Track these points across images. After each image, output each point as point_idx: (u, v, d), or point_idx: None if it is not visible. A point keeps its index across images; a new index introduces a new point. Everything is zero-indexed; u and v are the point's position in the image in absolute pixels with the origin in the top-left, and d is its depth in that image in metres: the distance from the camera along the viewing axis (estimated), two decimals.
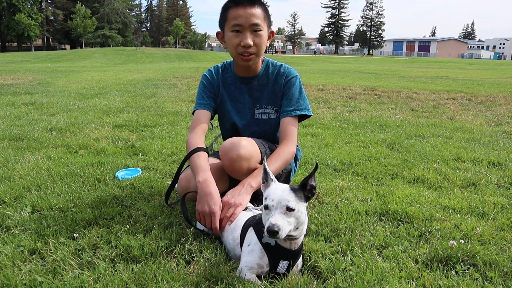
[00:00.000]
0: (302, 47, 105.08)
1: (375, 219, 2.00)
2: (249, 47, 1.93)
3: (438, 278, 1.48)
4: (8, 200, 2.17)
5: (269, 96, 2.12)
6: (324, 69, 18.58)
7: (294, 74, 2.12)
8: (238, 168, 1.88)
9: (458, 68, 23.27)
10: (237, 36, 1.93)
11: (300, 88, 2.10)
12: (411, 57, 76.54)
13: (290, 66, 2.16)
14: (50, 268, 1.51)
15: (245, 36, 1.92)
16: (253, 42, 1.93)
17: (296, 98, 2.07)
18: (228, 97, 2.18)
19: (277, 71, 2.13)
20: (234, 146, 1.87)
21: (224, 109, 2.20)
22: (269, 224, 1.33)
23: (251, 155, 1.89)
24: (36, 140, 3.59)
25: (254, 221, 1.56)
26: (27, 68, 16.00)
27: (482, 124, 4.85)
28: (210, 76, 2.19)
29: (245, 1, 1.89)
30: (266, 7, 1.98)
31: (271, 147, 2.10)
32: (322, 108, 6.06)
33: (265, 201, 1.41)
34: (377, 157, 3.20)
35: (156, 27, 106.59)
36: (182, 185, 2.02)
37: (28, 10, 62.72)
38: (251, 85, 2.14)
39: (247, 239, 1.52)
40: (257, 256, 1.45)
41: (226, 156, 1.89)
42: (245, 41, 1.92)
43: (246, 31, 1.92)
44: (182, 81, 10.19)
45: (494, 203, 2.25)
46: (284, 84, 2.09)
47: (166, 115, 5.10)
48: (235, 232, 1.62)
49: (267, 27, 1.98)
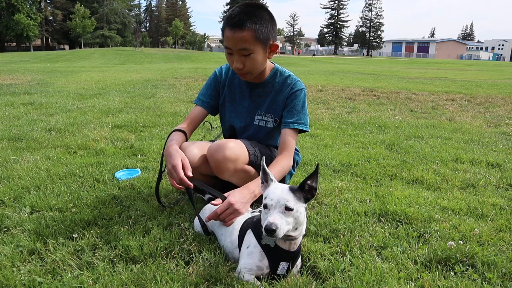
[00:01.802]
0: (301, 48, 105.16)
1: (374, 220, 2.00)
2: (240, 69, 1.94)
3: (436, 279, 1.48)
4: (7, 200, 2.16)
5: (271, 104, 2.12)
6: (323, 70, 18.60)
7: (300, 87, 2.09)
8: (225, 169, 1.93)
9: (457, 69, 23.32)
10: (230, 58, 1.94)
11: (303, 102, 2.09)
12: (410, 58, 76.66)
13: (298, 78, 2.14)
14: (49, 269, 1.51)
15: (235, 59, 1.92)
16: (243, 64, 1.91)
17: (297, 111, 2.06)
18: (230, 98, 2.19)
19: (283, 81, 2.11)
20: (220, 148, 1.92)
21: (225, 109, 2.22)
22: (267, 223, 1.33)
23: (237, 156, 1.94)
24: (35, 140, 3.59)
25: (252, 223, 1.56)
26: (26, 68, 15.98)
27: (481, 125, 4.86)
28: (219, 74, 2.22)
29: (234, 25, 1.83)
30: (263, 22, 1.85)
31: (262, 149, 2.12)
32: (321, 109, 6.07)
33: (264, 200, 1.42)
34: (376, 158, 3.20)
35: (155, 27, 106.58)
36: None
37: (27, 10, 62.65)
38: (255, 91, 2.14)
39: (246, 241, 1.51)
40: (256, 258, 1.45)
41: (212, 157, 1.94)
42: (235, 65, 1.93)
43: (236, 55, 1.90)
44: (181, 82, 10.19)
45: (493, 204, 2.25)
46: (288, 96, 2.08)
47: (165, 116, 5.10)
48: (233, 235, 1.62)
49: (261, 47, 1.90)
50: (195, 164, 1.99)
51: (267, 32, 1.87)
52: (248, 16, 1.82)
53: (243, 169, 1.99)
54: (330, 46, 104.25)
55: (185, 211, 2.05)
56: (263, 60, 1.96)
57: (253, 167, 2.04)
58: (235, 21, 1.82)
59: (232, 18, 1.83)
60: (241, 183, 1.92)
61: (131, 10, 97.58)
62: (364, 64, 30.09)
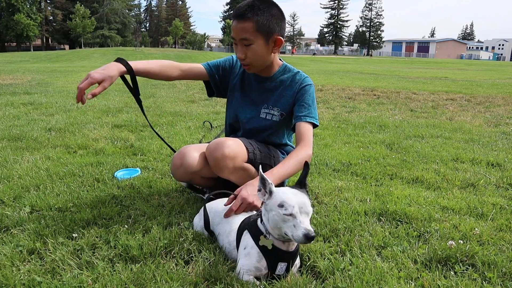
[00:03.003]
0: (301, 48, 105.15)
1: (374, 220, 2.00)
2: (242, 60, 1.99)
3: (436, 278, 1.48)
4: (7, 200, 2.16)
5: (278, 98, 2.14)
6: (323, 69, 18.60)
7: (309, 83, 2.13)
8: (224, 167, 1.94)
9: (457, 69, 23.32)
10: (235, 48, 2.01)
11: (313, 97, 2.12)
12: (410, 57, 76.64)
13: (306, 75, 2.17)
14: (49, 268, 1.50)
15: (238, 50, 1.99)
16: (245, 54, 1.96)
17: (308, 105, 2.08)
18: (240, 88, 2.22)
19: (293, 77, 2.14)
20: (218, 146, 1.93)
21: (233, 97, 2.24)
22: (306, 232, 1.31)
23: (236, 154, 1.95)
24: (35, 140, 3.59)
25: (248, 224, 1.55)
26: (26, 68, 15.99)
27: (481, 125, 4.85)
28: (235, 60, 2.24)
29: (237, 16, 1.92)
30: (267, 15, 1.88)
31: (261, 148, 2.12)
32: (321, 109, 6.06)
33: (282, 209, 1.38)
34: (376, 157, 3.20)
35: (155, 27, 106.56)
36: (174, 163, 2.06)
37: (27, 10, 62.63)
38: (263, 85, 2.16)
39: (243, 242, 1.51)
40: (254, 259, 1.44)
41: (211, 156, 1.95)
42: (237, 54, 1.99)
43: (239, 45, 1.97)
44: (181, 81, 10.18)
45: (493, 204, 2.25)
46: (298, 91, 2.10)
47: (165, 115, 5.10)
48: (231, 235, 1.61)
49: (262, 38, 1.92)
50: (196, 168, 2.02)
51: (269, 24, 1.90)
52: (252, 8, 1.88)
53: (242, 167, 2.00)
54: (330, 46, 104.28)
55: (184, 211, 2.05)
56: (266, 53, 1.98)
57: (252, 165, 2.05)
58: (239, 12, 1.91)
59: (237, 9, 1.93)
60: (240, 181, 1.94)
61: (131, 10, 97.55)
62: (364, 64, 30.09)
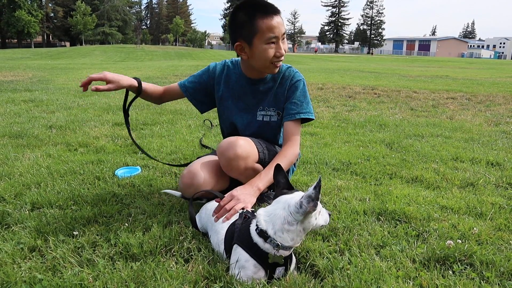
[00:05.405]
0: (302, 46, 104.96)
1: (373, 219, 2.01)
2: (283, 55, 1.94)
3: (435, 278, 1.49)
4: (8, 197, 2.17)
5: (273, 98, 2.11)
6: (324, 67, 18.57)
7: (299, 78, 2.10)
8: (236, 167, 1.89)
9: (458, 68, 23.27)
10: (272, 48, 1.91)
11: (304, 92, 2.09)
12: (411, 56, 76.51)
13: (296, 70, 2.14)
14: (50, 266, 1.52)
15: (280, 46, 1.92)
16: (284, 50, 1.95)
17: (300, 101, 2.05)
18: (230, 95, 2.15)
19: (283, 73, 2.11)
20: (231, 145, 1.88)
21: (224, 107, 2.18)
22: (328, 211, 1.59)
23: (248, 154, 1.90)
24: (36, 137, 3.60)
25: (237, 238, 1.47)
26: (27, 65, 15.97)
27: (481, 124, 4.85)
28: (212, 69, 2.19)
29: (274, 11, 1.85)
30: None
31: (268, 147, 2.10)
32: (321, 107, 6.07)
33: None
34: (376, 156, 3.21)
35: (156, 24, 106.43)
36: (184, 182, 1.98)
37: (28, 6, 62.54)
38: (257, 87, 2.11)
39: (235, 255, 1.45)
40: (250, 272, 1.41)
41: (223, 155, 1.90)
42: (281, 51, 1.92)
43: (280, 40, 1.91)
44: (181, 79, 10.12)
45: (492, 203, 2.26)
46: (289, 88, 2.08)
47: (166, 114, 5.10)
48: (219, 234, 1.60)
49: None
50: (210, 186, 1.96)
51: None
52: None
53: (253, 167, 1.95)
54: (331, 44, 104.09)
55: (184, 209, 2.06)
56: None
57: (262, 165, 2.01)
58: (271, 6, 1.87)
59: (265, 5, 1.87)
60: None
61: (132, 7, 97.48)
62: (365, 62, 30.04)
